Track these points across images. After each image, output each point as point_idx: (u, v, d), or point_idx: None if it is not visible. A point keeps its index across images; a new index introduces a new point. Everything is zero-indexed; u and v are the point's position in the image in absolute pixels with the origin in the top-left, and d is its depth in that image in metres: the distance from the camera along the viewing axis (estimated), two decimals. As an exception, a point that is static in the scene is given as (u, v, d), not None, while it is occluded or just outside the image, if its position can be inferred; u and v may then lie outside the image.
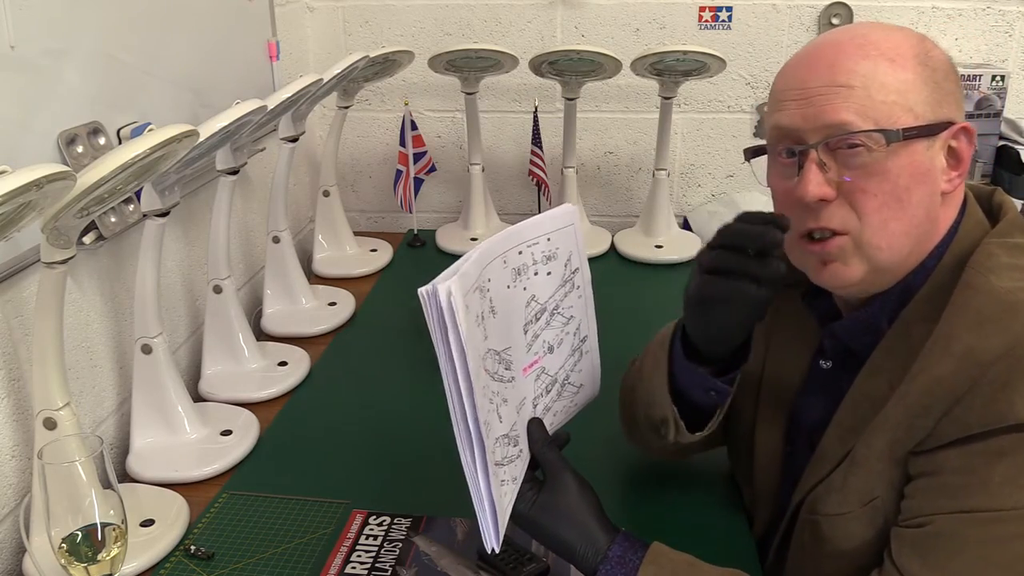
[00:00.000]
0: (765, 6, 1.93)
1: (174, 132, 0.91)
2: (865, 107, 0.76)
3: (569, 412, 0.96)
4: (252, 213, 1.72)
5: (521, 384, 0.85)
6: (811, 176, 0.78)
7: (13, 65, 1.01)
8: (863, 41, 0.79)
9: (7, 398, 1.03)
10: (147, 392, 1.19)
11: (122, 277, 1.26)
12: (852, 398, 0.85)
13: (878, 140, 0.76)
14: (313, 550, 1.01)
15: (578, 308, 0.94)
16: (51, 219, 0.86)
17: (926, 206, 0.79)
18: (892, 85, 0.77)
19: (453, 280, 0.72)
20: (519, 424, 0.84)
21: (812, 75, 0.79)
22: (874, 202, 0.78)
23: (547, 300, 0.89)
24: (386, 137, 2.12)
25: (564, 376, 0.93)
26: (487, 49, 1.79)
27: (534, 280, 0.86)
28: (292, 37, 1.92)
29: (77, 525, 0.82)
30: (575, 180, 1.94)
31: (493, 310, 0.80)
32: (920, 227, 0.80)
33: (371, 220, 2.22)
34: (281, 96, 1.33)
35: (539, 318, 0.88)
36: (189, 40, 1.43)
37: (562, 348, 0.92)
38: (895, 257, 0.80)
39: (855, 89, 0.77)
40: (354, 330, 1.59)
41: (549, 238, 0.88)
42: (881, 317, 0.84)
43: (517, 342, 0.84)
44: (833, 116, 0.77)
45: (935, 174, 0.79)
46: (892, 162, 0.77)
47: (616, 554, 0.81)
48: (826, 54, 0.79)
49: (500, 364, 0.81)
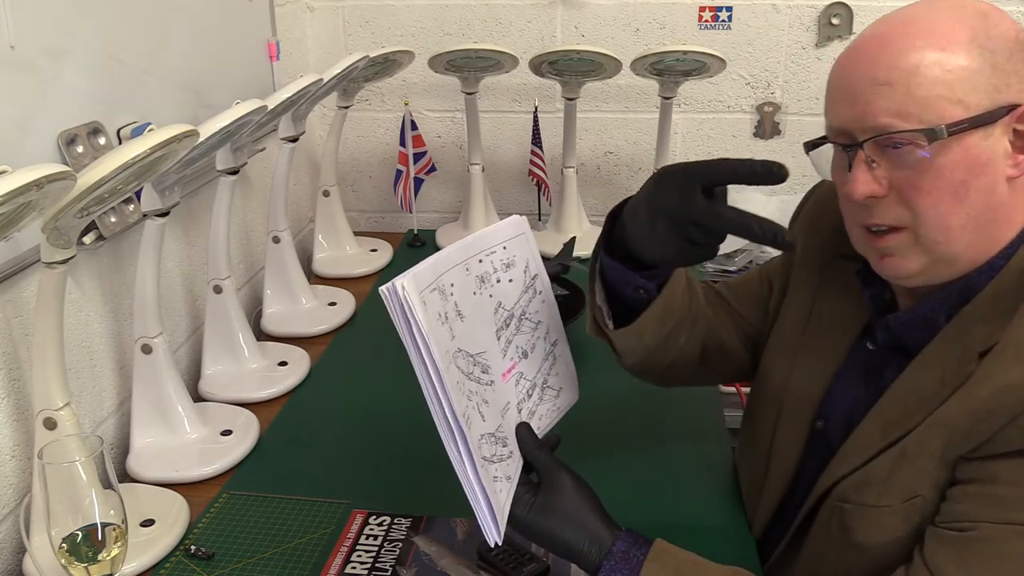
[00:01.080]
0: (765, 6, 1.93)
1: (174, 132, 0.91)
2: (907, 104, 0.74)
3: (553, 416, 0.96)
4: (252, 213, 1.72)
5: (502, 388, 0.86)
6: (858, 175, 0.77)
7: (13, 65, 1.01)
8: (910, 31, 0.75)
9: (7, 398, 1.03)
10: (147, 392, 1.19)
11: (122, 277, 1.26)
12: (898, 391, 0.84)
13: (922, 139, 0.74)
14: (313, 550, 1.01)
15: (543, 313, 0.95)
16: (51, 219, 0.86)
17: (987, 197, 0.76)
18: (938, 77, 0.73)
19: (407, 277, 0.76)
20: (506, 427, 0.85)
21: (856, 72, 0.77)
22: (928, 199, 0.76)
23: (514, 306, 0.91)
24: (386, 137, 2.12)
25: (543, 380, 0.95)
26: (487, 49, 1.79)
27: (498, 287, 0.88)
28: (292, 37, 1.92)
29: (77, 525, 0.82)
30: (575, 180, 1.94)
31: (460, 314, 0.81)
32: (981, 217, 0.77)
33: (371, 220, 2.22)
34: (281, 96, 1.33)
35: (509, 324, 0.89)
36: (189, 40, 1.43)
37: (536, 353, 0.93)
38: (955, 248, 0.78)
39: (895, 87, 0.74)
40: (354, 330, 1.59)
41: (505, 246, 0.90)
42: (939, 313, 0.82)
43: (491, 348, 0.86)
44: (874, 118, 0.76)
45: (996, 162, 0.75)
46: (944, 158, 0.74)
47: (620, 549, 0.81)
48: (871, 48, 0.77)
49: (475, 366, 0.82)
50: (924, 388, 0.81)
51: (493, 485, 0.80)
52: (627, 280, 0.87)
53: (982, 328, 0.78)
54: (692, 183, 0.76)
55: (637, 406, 1.28)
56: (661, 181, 0.79)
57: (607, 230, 0.88)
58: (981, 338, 0.77)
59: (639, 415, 1.27)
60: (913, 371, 0.83)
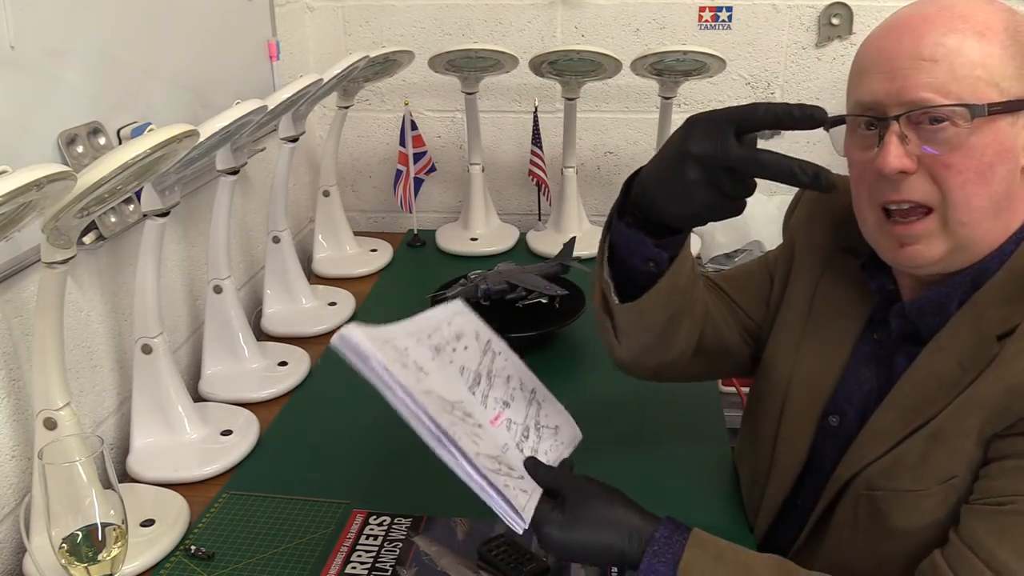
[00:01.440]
0: (765, 6, 1.93)
1: (174, 132, 0.91)
2: (948, 82, 0.75)
3: (560, 451, 0.94)
4: (252, 213, 1.72)
5: (493, 432, 0.85)
6: (891, 148, 0.77)
7: (13, 65, 1.01)
8: (952, 14, 0.77)
9: (7, 398, 1.03)
10: (147, 392, 1.19)
11: (122, 277, 1.26)
12: (915, 377, 0.84)
13: (963, 115, 0.75)
14: (313, 550, 1.01)
15: (510, 368, 0.93)
16: (51, 219, 0.86)
17: (1007, 183, 0.78)
18: (978, 60, 0.76)
19: (350, 325, 0.75)
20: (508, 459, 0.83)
21: (898, 47, 0.78)
22: (958, 178, 0.77)
23: (478, 366, 0.90)
24: (386, 137, 2.12)
25: (534, 422, 0.93)
26: (487, 49, 1.79)
27: (456, 354, 0.87)
28: (292, 37, 1.92)
29: (77, 525, 0.82)
30: (575, 180, 1.94)
31: (422, 369, 0.80)
32: (1000, 203, 0.79)
33: (371, 220, 2.22)
34: (281, 96, 1.33)
35: (479, 381, 0.89)
36: (189, 40, 1.43)
37: (516, 402, 0.92)
38: (975, 234, 0.80)
39: (939, 64, 0.76)
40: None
41: (449, 323, 0.89)
42: (952, 299, 0.83)
43: (468, 399, 0.85)
44: (914, 92, 0.76)
45: (1017, 151, 0.78)
46: (977, 138, 0.76)
47: (663, 535, 0.80)
48: (913, 26, 0.78)
49: (455, 410, 0.81)
50: (943, 373, 0.82)
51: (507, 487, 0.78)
52: (638, 250, 0.85)
53: (997, 311, 0.80)
54: (726, 128, 0.74)
55: (636, 406, 1.28)
56: (693, 127, 0.77)
57: (622, 198, 0.87)
58: (997, 321, 0.79)
59: (639, 415, 1.27)
60: (928, 357, 0.84)
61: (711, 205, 0.77)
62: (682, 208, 0.79)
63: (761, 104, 0.74)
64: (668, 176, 0.79)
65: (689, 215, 0.80)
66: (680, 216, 0.81)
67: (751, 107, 0.74)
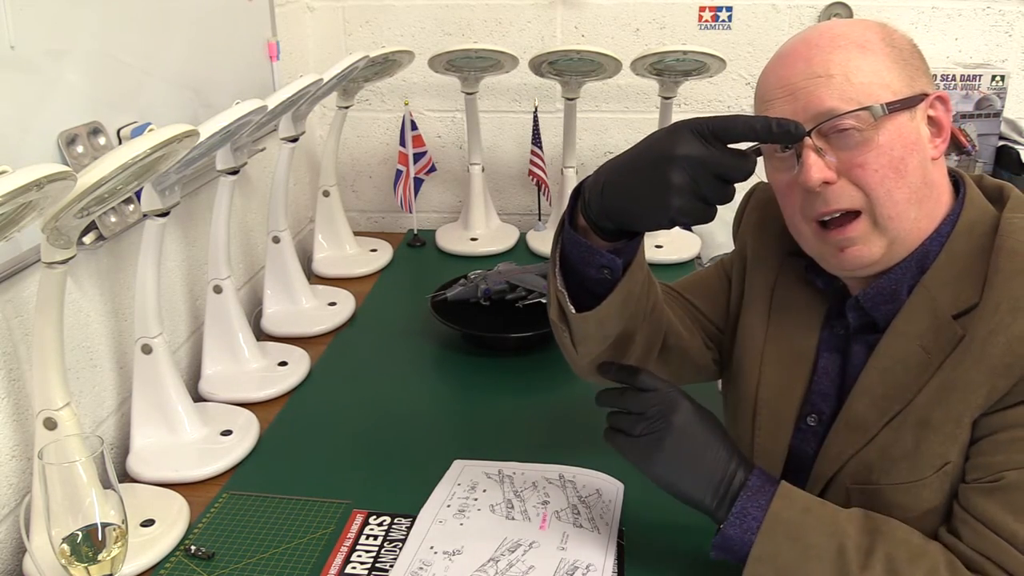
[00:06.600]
0: (765, 6, 1.93)
1: (174, 132, 0.91)
2: (846, 91, 0.80)
3: (614, 512, 1.04)
4: (252, 213, 1.72)
5: (548, 535, 1.00)
6: (811, 162, 0.81)
7: (13, 65, 1.01)
8: (832, 35, 0.83)
9: (7, 398, 1.03)
10: (147, 392, 1.19)
11: (122, 277, 1.26)
12: (879, 364, 0.86)
13: (865, 118, 0.80)
14: (313, 550, 1.01)
15: (529, 476, 1.09)
16: (51, 219, 0.86)
17: (922, 172, 0.83)
18: (867, 68, 0.81)
19: None
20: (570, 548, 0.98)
21: (792, 71, 0.83)
22: (876, 176, 0.81)
23: (504, 496, 1.06)
24: (386, 137, 2.12)
25: (576, 499, 1.05)
26: (487, 49, 1.79)
27: (479, 501, 1.06)
28: (292, 37, 1.92)
29: (77, 525, 0.82)
30: (575, 180, 1.94)
31: (448, 552, 0.98)
32: (920, 192, 0.83)
33: (371, 220, 2.22)
34: (281, 96, 1.33)
35: (512, 505, 1.05)
36: (189, 40, 1.43)
37: (553, 496, 1.05)
38: (905, 224, 0.83)
39: (834, 77, 0.81)
40: (354, 330, 1.59)
41: (458, 481, 1.10)
42: (902, 284, 0.86)
43: (509, 533, 1.00)
44: (819, 105, 0.81)
45: (923, 142, 0.83)
46: (883, 136, 0.80)
47: (755, 484, 0.85)
48: (801, 51, 0.84)
49: (499, 561, 0.96)
50: (907, 358, 0.84)
51: None
52: (592, 259, 0.86)
53: (947, 291, 0.83)
54: (709, 136, 0.78)
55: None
56: (677, 132, 0.79)
57: (571, 207, 0.88)
58: (949, 301, 0.82)
59: (639, 415, 1.27)
60: (889, 343, 0.86)
61: (687, 211, 0.79)
62: (655, 213, 0.81)
63: (740, 117, 0.78)
64: (644, 180, 0.80)
65: (660, 220, 0.82)
66: (649, 221, 0.83)
67: (733, 118, 0.78)
